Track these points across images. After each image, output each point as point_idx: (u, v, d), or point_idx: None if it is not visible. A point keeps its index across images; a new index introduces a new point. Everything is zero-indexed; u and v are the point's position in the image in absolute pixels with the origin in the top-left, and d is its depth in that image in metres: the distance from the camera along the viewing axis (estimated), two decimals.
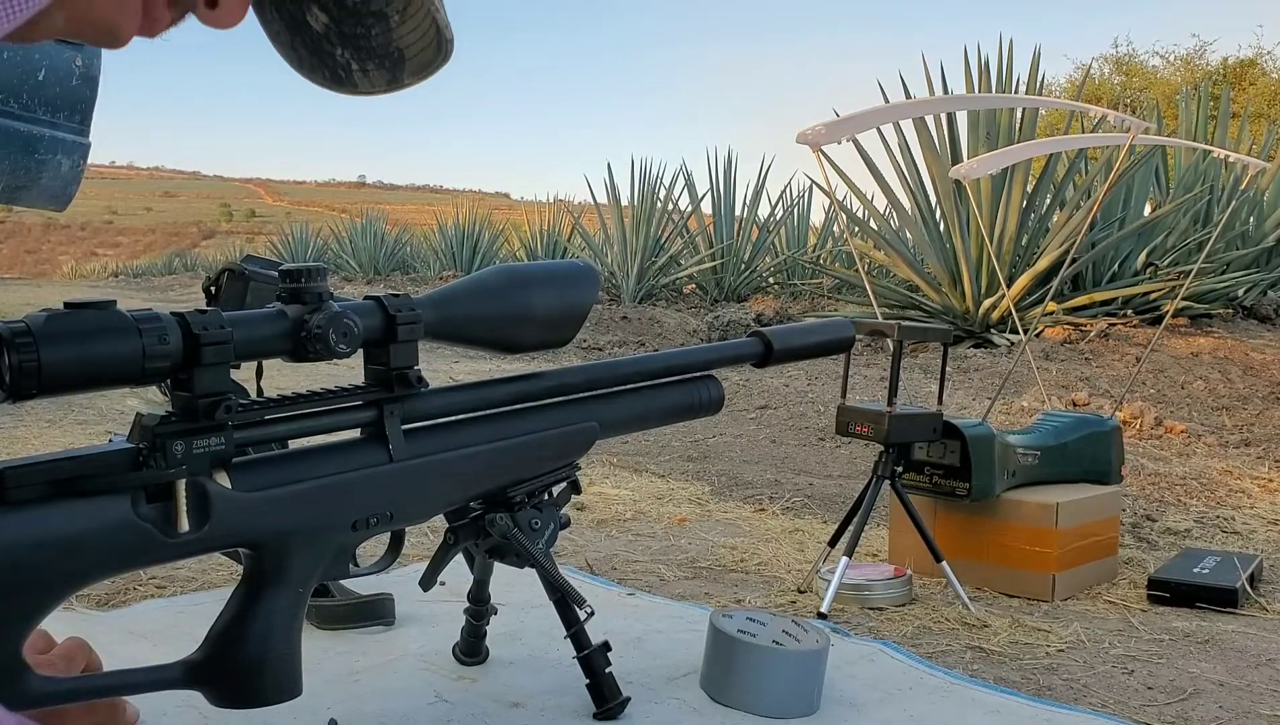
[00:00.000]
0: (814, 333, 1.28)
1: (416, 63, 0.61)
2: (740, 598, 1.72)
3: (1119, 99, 16.05)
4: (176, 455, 0.74)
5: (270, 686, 0.80)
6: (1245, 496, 2.79)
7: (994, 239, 5.51)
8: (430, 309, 0.90)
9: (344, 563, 0.87)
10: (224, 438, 0.76)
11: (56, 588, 0.70)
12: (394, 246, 14.04)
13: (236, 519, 0.77)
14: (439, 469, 0.92)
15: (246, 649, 0.79)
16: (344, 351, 0.82)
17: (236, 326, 0.77)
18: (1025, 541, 1.80)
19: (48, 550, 0.68)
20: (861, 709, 1.15)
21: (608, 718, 1.05)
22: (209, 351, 0.74)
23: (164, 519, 0.74)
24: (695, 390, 1.14)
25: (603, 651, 1.06)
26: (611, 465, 2.85)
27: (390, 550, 0.95)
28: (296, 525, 0.81)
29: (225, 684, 0.79)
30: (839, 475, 2.94)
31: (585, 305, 1.00)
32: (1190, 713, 1.30)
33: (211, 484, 0.76)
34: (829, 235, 9.74)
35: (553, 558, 1.05)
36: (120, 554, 0.72)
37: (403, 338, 0.87)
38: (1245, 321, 6.07)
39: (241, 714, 1.00)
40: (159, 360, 0.72)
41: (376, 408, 0.88)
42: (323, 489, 0.83)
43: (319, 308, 0.82)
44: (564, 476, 1.05)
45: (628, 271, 8.92)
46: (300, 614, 0.84)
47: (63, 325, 0.68)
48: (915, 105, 3.52)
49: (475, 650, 1.21)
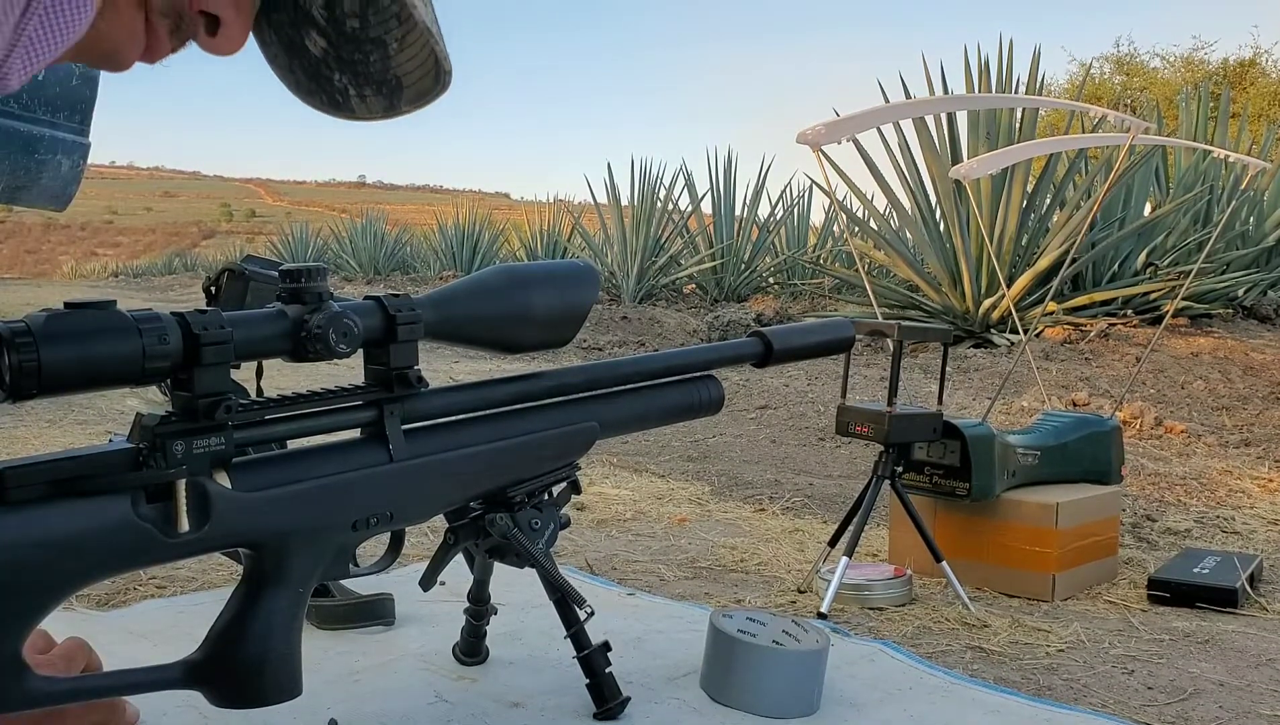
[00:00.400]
0: (814, 333, 1.28)
1: (414, 91, 0.61)
2: (740, 598, 1.72)
3: (1119, 99, 16.05)
4: (177, 455, 0.74)
5: (270, 686, 0.79)
6: (1245, 496, 2.79)
7: (994, 239, 5.51)
8: (430, 309, 0.90)
9: (344, 563, 0.87)
10: (224, 438, 0.76)
11: (56, 588, 0.70)
12: (394, 246, 14.04)
13: (236, 519, 0.77)
14: (439, 469, 0.91)
15: (246, 649, 0.79)
16: (344, 351, 0.82)
17: (236, 326, 0.77)
18: (1025, 541, 1.80)
19: (48, 550, 0.68)
20: (861, 709, 1.15)
21: (608, 717, 1.05)
22: (209, 351, 0.74)
23: (164, 519, 0.74)
24: (695, 390, 1.14)
25: (603, 651, 1.06)
26: (611, 465, 2.85)
27: (390, 550, 0.95)
28: (296, 525, 0.81)
29: (225, 684, 0.79)
30: (839, 475, 2.94)
31: (585, 305, 1.00)
32: (1190, 713, 1.30)
33: (212, 484, 0.75)
34: (829, 235, 9.73)
35: (553, 558, 1.05)
36: (120, 554, 0.72)
37: (403, 338, 0.87)
38: (1245, 321, 6.07)
39: (241, 714, 1.00)
40: (159, 360, 0.72)
41: (376, 408, 0.88)
42: (323, 489, 0.83)
43: (319, 308, 0.82)
44: (564, 476, 1.05)
45: (628, 271, 8.92)
46: (300, 614, 0.83)
47: (63, 325, 0.68)
48: (915, 105, 3.52)
49: (475, 650, 1.21)
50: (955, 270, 5.72)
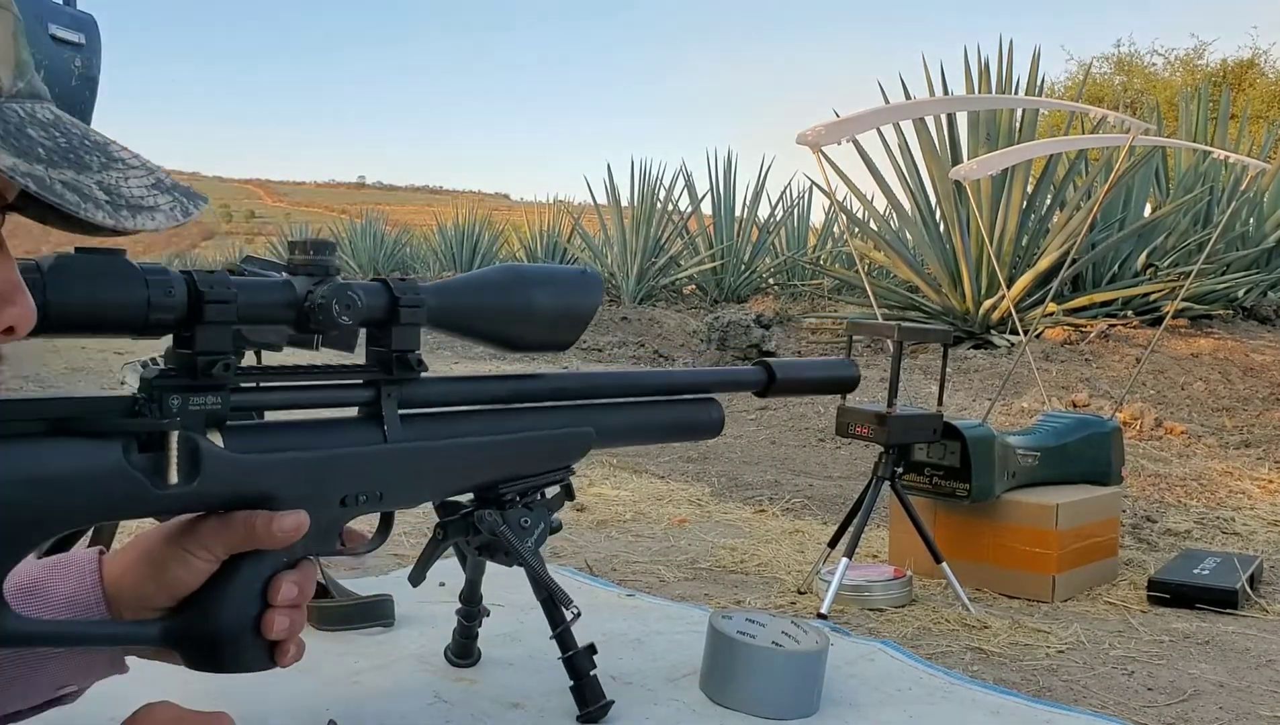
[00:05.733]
0: (818, 369, 1.32)
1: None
2: (740, 598, 1.72)
3: (1119, 100, 16.05)
4: (172, 409, 0.74)
5: (246, 654, 0.79)
6: (1245, 497, 2.79)
7: (994, 240, 5.51)
8: (435, 296, 0.91)
9: (331, 539, 0.87)
10: (220, 398, 0.77)
11: (44, 525, 0.70)
12: (394, 247, 14.05)
13: (225, 478, 0.77)
14: (432, 455, 0.92)
15: (224, 614, 0.79)
16: (346, 323, 0.82)
17: (242, 290, 0.77)
18: (1025, 542, 1.80)
19: (37, 487, 0.69)
20: (861, 709, 1.15)
21: (590, 720, 1.05)
22: (212, 309, 0.75)
23: (154, 470, 0.74)
24: (695, 411, 1.14)
25: (588, 654, 1.05)
26: (611, 466, 2.85)
27: (380, 531, 0.95)
28: (284, 492, 0.81)
29: (198, 647, 0.79)
30: (839, 476, 2.94)
31: (588, 309, 1.00)
32: (1190, 713, 1.30)
33: (203, 441, 0.76)
34: (829, 236, 9.74)
35: (541, 558, 1.05)
36: (110, 500, 0.72)
37: (405, 320, 0.88)
38: (1245, 322, 6.07)
39: (242, 712, 1.00)
40: (163, 312, 0.72)
41: (375, 388, 0.88)
42: (314, 460, 0.83)
43: (324, 280, 0.82)
44: (557, 479, 1.05)
45: (627, 272, 8.92)
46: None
47: (71, 267, 0.69)
48: (915, 106, 3.52)
49: (467, 652, 1.20)
50: (955, 271, 5.72)
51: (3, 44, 0.51)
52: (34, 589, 0.77)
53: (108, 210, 0.51)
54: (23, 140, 0.50)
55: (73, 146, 0.52)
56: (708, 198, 9.48)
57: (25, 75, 0.52)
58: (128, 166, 0.54)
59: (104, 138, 0.55)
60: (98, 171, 0.52)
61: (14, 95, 0.51)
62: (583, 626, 1.06)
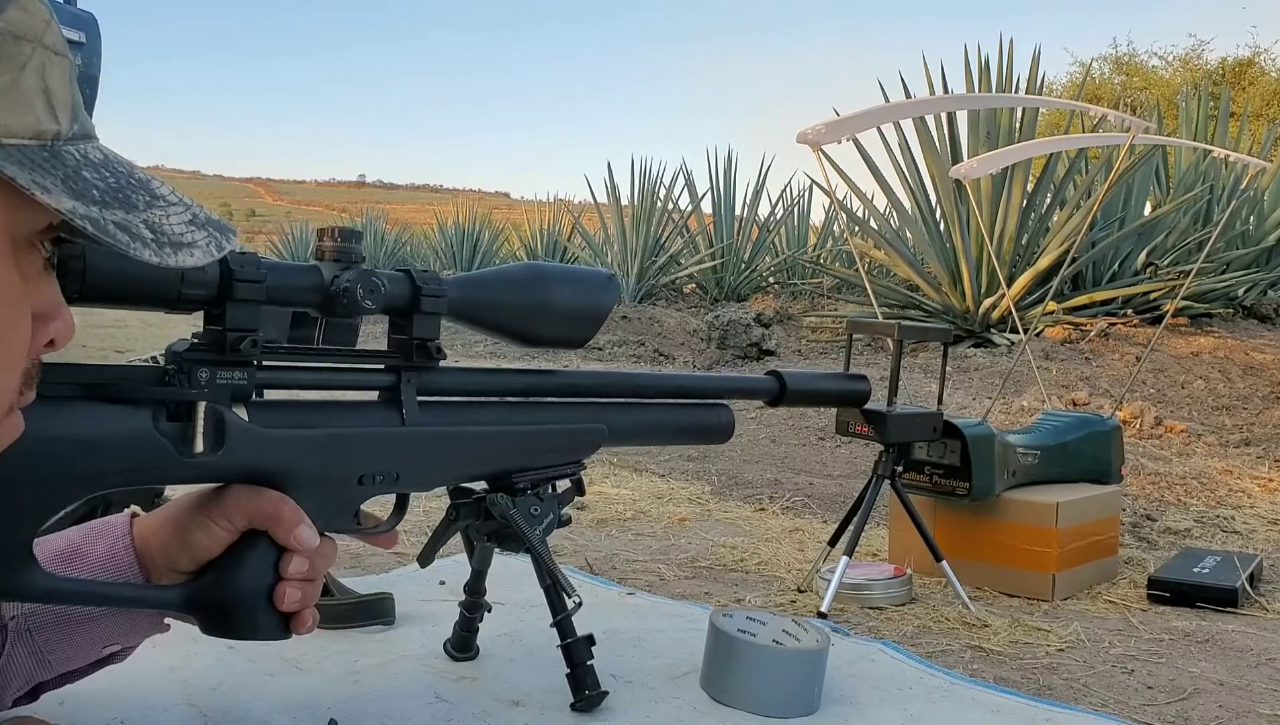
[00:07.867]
0: (829, 381, 1.37)
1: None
2: (740, 597, 1.72)
3: (1119, 99, 16.05)
4: (200, 381, 0.77)
5: (260, 622, 0.81)
6: (1245, 496, 2.79)
7: (994, 239, 5.51)
8: (456, 288, 0.94)
9: (347, 516, 0.90)
10: (247, 374, 0.80)
11: (75, 484, 0.72)
12: (394, 246, 14.05)
13: (249, 450, 0.79)
14: (448, 440, 0.95)
15: (238, 582, 0.80)
16: (370, 307, 0.86)
17: (272, 271, 0.80)
18: (1025, 541, 1.80)
19: (69, 445, 0.71)
20: (861, 709, 1.15)
21: (586, 708, 1.06)
22: (242, 287, 0.78)
23: (181, 438, 0.76)
24: (706, 414, 1.17)
25: (586, 643, 1.06)
26: (611, 464, 2.85)
27: (396, 512, 0.98)
28: (305, 468, 0.83)
29: (213, 612, 0.81)
30: (839, 475, 2.94)
31: (604, 307, 1.04)
32: (1190, 712, 1.30)
33: (229, 413, 0.78)
34: (829, 235, 9.74)
35: (547, 545, 1.06)
36: (137, 464, 0.74)
37: (426, 309, 0.91)
38: (1245, 321, 6.07)
39: (242, 711, 1.01)
40: (196, 287, 0.76)
41: (395, 373, 0.92)
42: (335, 437, 0.86)
43: (350, 266, 0.86)
44: (569, 473, 1.07)
45: (628, 271, 8.91)
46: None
47: None
48: (915, 105, 3.52)
49: (466, 645, 1.21)
50: (955, 270, 5.72)
51: (61, 89, 0.52)
52: (73, 553, 0.80)
53: (153, 248, 0.54)
54: (79, 183, 0.52)
55: (120, 186, 0.54)
56: (708, 196, 9.49)
57: (79, 117, 0.54)
58: (168, 204, 0.57)
59: (145, 175, 0.58)
60: (143, 211, 0.55)
61: (70, 138, 0.53)
62: (584, 626, 1.06)
